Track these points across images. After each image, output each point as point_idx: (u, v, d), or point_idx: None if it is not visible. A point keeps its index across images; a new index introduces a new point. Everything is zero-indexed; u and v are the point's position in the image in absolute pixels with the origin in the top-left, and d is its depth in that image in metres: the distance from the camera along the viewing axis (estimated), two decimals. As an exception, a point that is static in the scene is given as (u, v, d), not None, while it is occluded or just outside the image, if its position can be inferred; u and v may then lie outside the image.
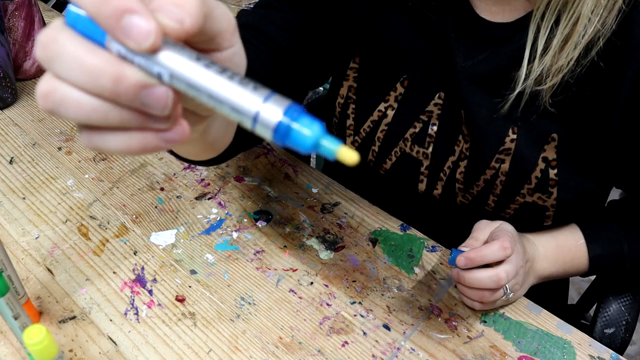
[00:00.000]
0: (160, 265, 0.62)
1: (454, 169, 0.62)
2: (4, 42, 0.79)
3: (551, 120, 0.57)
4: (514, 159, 0.58)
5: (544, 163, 0.58)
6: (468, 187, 0.62)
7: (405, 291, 0.60)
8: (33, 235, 0.64)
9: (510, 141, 0.58)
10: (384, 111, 0.64)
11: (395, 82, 0.63)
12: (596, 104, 0.55)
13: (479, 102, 0.58)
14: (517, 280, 0.56)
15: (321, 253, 0.64)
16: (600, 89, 0.54)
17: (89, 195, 0.69)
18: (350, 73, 0.65)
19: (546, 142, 0.57)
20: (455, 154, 0.62)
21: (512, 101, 0.56)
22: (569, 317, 0.66)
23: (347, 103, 0.66)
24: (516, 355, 0.55)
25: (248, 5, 1.46)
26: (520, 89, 0.54)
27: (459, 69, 0.58)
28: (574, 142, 0.57)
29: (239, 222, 0.67)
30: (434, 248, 0.65)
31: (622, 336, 0.73)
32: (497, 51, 0.57)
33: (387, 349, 0.55)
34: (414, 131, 0.63)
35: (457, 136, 0.61)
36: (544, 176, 0.58)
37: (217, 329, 0.56)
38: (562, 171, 0.58)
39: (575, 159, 0.58)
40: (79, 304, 0.57)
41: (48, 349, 0.43)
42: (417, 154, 0.63)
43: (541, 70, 0.53)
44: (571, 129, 0.57)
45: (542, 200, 0.59)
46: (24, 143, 0.76)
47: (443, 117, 0.61)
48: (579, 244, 0.64)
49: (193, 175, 0.72)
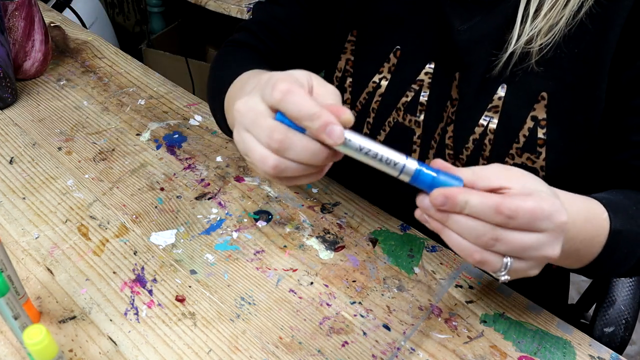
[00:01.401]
0: (160, 265, 0.62)
1: (442, 136, 0.64)
2: (4, 42, 0.79)
3: (542, 79, 0.58)
4: (502, 116, 0.60)
5: (532, 122, 0.59)
6: (458, 152, 0.63)
7: (405, 291, 0.60)
8: (33, 235, 0.64)
9: (498, 99, 0.60)
10: (377, 82, 0.66)
11: (389, 53, 0.65)
12: (585, 60, 0.56)
13: (475, 63, 0.60)
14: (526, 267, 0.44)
15: (321, 253, 0.64)
16: (589, 44, 0.55)
17: (89, 195, 0.69)
18: (348, 46, 0.68)
19: (536, 101, 0.58)
20: (443, 120, 0.64)
21: (504, 61, 0.57)
22: (569, 316, 0.66)
23: (345, 76, 0.68)
24: (516, 355, 0.55)
25: (248, 5, 1.45)
26: (512, 49, 0.56)
27: (456, 31, 0.60)
28: (564, 101, 0.58)
29: (239, 222, 0.67)
30: (434, 248, 0.65)
31: (621, 335, 0.73)
32: (492, 11, 0.59)
33: (387, 349, 0.55)
34: (405, 100, 0.65)
35: (445, 102, 0.63)
36: (532, 135, 0.59)
37: (217, 329, 0.56)
38: (552, 131, 0.58)
39: (565, 119, 0.58)
40: (79, 304, 0.57)
41: (48, 349, 0.43)
42: (410, 122, 0.65)
43: (532, 31, 0.54)
44: (561, 88, 0.57)
45: (531, 161, 0.60)
46: (24, 143, 0.76)
47: (434, 85, 0.63)
48: (603, 218, 0.52)
49: (193, 175, 0.72)
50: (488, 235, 0.41)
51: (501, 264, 0.42)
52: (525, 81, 0.58)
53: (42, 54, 0.86)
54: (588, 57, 0.56)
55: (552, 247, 0.42)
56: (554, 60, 0.56)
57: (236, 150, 0.76)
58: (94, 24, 1.74)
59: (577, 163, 0.60)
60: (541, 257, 0.43)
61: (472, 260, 0.43)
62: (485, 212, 0.40)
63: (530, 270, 0.44)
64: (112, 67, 0.91)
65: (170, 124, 0.80)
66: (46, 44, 0.87)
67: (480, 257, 0.42)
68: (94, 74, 0.89)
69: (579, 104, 0.58)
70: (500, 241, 0.41)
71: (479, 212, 0.40)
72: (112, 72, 0.90)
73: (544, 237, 0.42)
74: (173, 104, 0.84)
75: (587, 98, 0.57)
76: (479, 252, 0.42)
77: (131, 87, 0.87)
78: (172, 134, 0.78)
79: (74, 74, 0.89)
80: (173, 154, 0.75)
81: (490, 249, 0.42)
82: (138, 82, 0.88)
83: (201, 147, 0.76)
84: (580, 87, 0.57)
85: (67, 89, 0.86)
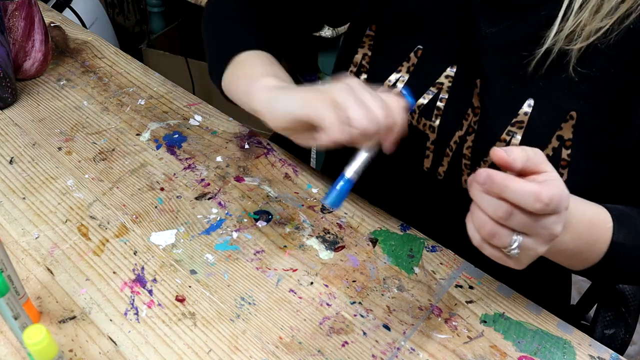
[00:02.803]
0: (160, 265, 0.62)
1: (460, 144, 0.61)
2: (4, 42, 0.79)
3: (573, 97, 0.55)
4: (527, 133, 0.57)
5: (557, 142, 0.56)
6: (475, 164, 0.61)
7: (405, 291, 0.60)
8: (33, 235, 0.64)
9: (524, 114, 0.56)
10: (393, 81, 0.63)
11: (410, 52, 0.62)
12: (623, 84, 0.53)
13: (499, 70, 0.57)
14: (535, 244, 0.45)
15: (321, 253, 0.64)
16: (629, 68, 0.53)
17: (89, 195, 0.69)
18: (366, 40, 0.65)
19: (564, 120, 0.56)
20: (463, 128, 0.61)
21: (536, 61, 0.54)
22: (570, 317, 0.65)
23: (360, 71, 0.66)
24: (516, 355, 0.55)
25: None
26: (550, 44, 0.52)
27: (482, 35, 0.57)
28: (594, 124, 0.55)
29: (239, 222, 0.67)
30: (434, 248, 0.65)
31: (622, 337, 0.73)
32: (524, 17, 0.55)
33: (387, 349, 0.55)
34: (422, 103, 0.62)
35: (466, 109, 0.60)
36: (555, 155, 0.56)
37: (217, 329, 0.56)
38: (576, 152, 0.56)
39: (592, 141, 0.56)
40: (79, 304, 0.57)
41: (48, 349, 0.43)
42: (424, 127, 0.63)
43: (574, 27, 0.51)
44: (592, 109, 0.55)
45: None
46: (24, 143, 0.76)
47: (454, 90, 0.61)
48: (607, 228, 0.55)
49: (193, 175, 0.72)
50: (504, 208, 0.42)
51: (510, 241, 0.43)
52: (554, 97, 0.55)
53: (42, 54, 0.86)
54: (626, 79, 0.53)
55: (558, 225, 0.44)
56: (588, 77, 0.54)
57: (236, 150, 0.76)
58: (94, 24, 1.74)
59: (599, 187, 0.58)
60: (549, 234, 0.44)
61: (484, 232, 0.44)
62: (524, 198, 0.41)
63: (540, 247, 0.45)
64: (112, 67, 0.91)
65: (170, 124, 0.80)
66: (46, 44, 0.87)
67: (491, 228, 0.43)
68: (94, 74, 0.89)
69: (609, 127, 0.55)
70: (515, 216, 0.42)
71: (517, 199, 0.42)
72: (112, 72, 0.90)
73: (555, 217, 0.43)
74: (173, 104, 0.84)
75: (618, 122, 0.55)
76: (491, 224, 0.43)
77: (131, 87, 0.87)
78: (172, 134, 0.78)
79: (74, 74, 0.89)
80: (173, 154, 0.75)
81: (504, 223, 0.43)
82: (138, 82, 0.88)
83: (201, 147, 0.77)
84: (613, 109, 0.54)
85: (67, 89, 0.86)
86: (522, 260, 0.46)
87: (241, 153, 0.76)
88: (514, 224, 0.43)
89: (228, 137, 0.78)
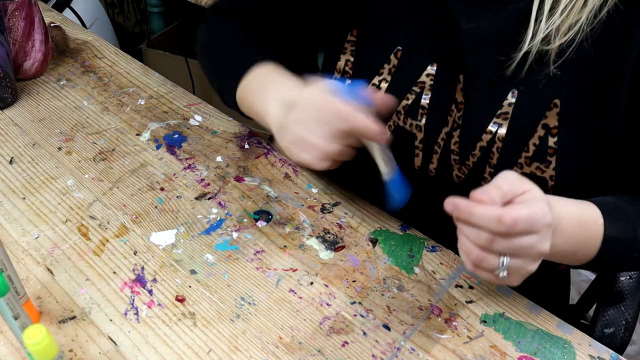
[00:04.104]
0: (160, 265, 0.62)
1: (447, 141, 0.62)
2: (4, 42, 0.79)
3: (555, 85, 0.55)
4: (512, 123, 0.57)
5: (543, 130, 0.57)
6: (464, 158, 0.61)
7: (405, 291, 0.60)
8: (33, 235, 0.64)
9: (508, 105, 0.57)
10: (377, 84, 0.64)
11: (390, 54, 0.63)
12: (604, 68, 0.54)
13: (481, 65, 0.58)
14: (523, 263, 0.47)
15: (321, 253, 0.64)
16: (610, 51, 0.53)
17: (89, 195, 0.69)
18: (348, 46, 0.66)
19: (548, 109, 0.56)
20: (449, 125, 0.61)
21: (517, 62, 0.55)
22: (569, 317, 0.65)
23: (343, 78, 0.66)
24: (516, 355, 0.55)
25: None
26: (527, 48, 0.53)
27: (462, 30, 0.57)
28: (578, 108, 0.56)
29: (239, 222, 0.67)
30: (434, 248, 0.65)
31: (621, 336, 0.73)
32: (503, 9, 0.56)
33: (387, 349, 0.55)
34: (406, 103, 0.63)
35: (449, 106, 0.61)
36: (542, 143, 0.57)
37: (217, 329, 0.56)
38: (563, 139, 0.56)
39: (578, 127, 0.56)
40: (79, 304, 0.58)
41: (48, 349, 0.43)
42: (411, 127, 0.63)
43: (549, 29, 0.52)
44: (576, 95, 0.55)
45: (540, 170, 0.58)
46: (24, 143, 0.76)
47: (436, 88, 0.61)
48: (598, 224, 0.55)
49: (193, 175, 0.72)
50: (484, 235, 0.46)
51: (497, 263, 0.47)
52: (537, 87, 0.56)
53: (42, 54, 0.86)
54: (607, 61, 0.54)
55: (543, 244, 0.47)
56: (572, 64, 0.54)
57: (236, 150, 0.76)
58: (94, 24, 1.74)
59: (587, 172, 0.59)
60: (535, 253, 0.47)
61: (471, 258, 0.47)
62: (488, 223, 0.45)
63: (529, 266, 0.48)
64: (112, 67, 0.91)
65: (170, 124, 0.80)
66: (46, 44, 0.87)
67: (476, 254, 0.47)
68: (94, 74, 0.89)
69: (594, 111, 0.55)
70: (497, 241, 0.45)
71: (483, 224, 0.45)
72: (112, 72, 0.90)
73: (536, 237, 0.46)
74: (173, 104, 0.84)
75: (603, 105, 0.55)
76: (476, 250, 0.47)
77: (131, 87, 0.87)
78: (172, 134, 0.78)
79: (74, 74, 0.89)
80: (173, 154, 0.75)
81: (487, 248, 0.46)
82: (138, 82, 0.88)
83: (201, 147, 0.77)
84: (597, 93, 0.55)
85: (67, 89, 0.86)
86: (515, 279, 0.49)
87: (241, 153, 0.76)
88: (499, 247, 0.46)
89: (228, 137, 0.78)
